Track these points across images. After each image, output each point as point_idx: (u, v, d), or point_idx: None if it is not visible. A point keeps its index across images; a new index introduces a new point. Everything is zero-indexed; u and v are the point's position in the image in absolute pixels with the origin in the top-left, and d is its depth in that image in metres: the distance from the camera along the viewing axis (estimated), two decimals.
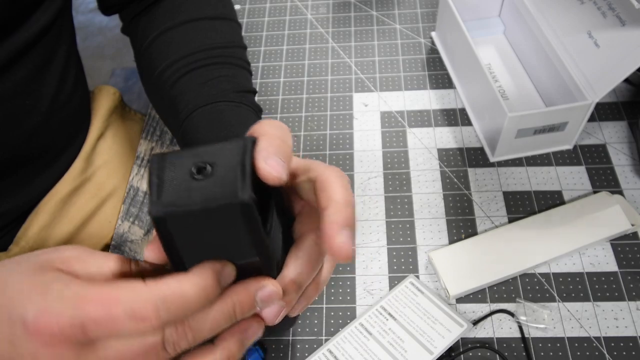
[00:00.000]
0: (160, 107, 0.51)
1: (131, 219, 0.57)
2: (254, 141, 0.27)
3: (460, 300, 0.47)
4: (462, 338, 0.45)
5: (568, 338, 0.45)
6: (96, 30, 1.95)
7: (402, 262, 0.50)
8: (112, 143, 0.63)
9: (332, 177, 0.29)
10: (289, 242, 0.32)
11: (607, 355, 0.44)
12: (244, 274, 0.28)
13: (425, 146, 0.58)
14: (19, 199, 0.54)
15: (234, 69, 0.50)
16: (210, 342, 0.28)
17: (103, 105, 0.64)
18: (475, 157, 0.56)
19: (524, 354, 0.44)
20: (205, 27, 0.51)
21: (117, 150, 0.63)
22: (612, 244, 0.49)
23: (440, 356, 0.44)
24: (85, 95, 0.61)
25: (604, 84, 0.49)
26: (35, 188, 0.55)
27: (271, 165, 0.26)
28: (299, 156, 0.48)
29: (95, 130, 0.61)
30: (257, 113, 0.48)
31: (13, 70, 0.46)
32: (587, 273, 0.48)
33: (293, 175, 0.31)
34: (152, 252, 0.28)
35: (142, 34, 0.52)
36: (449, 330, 0.45)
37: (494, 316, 0.46)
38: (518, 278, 0.48)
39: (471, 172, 0.55)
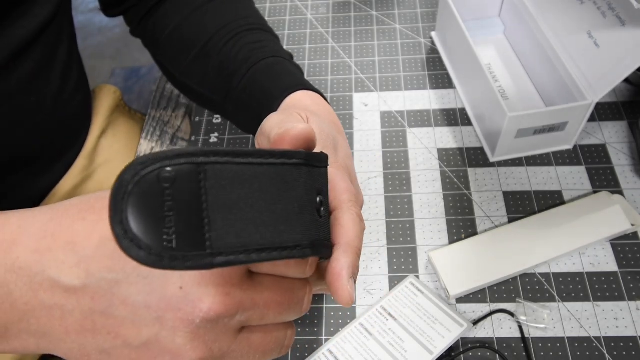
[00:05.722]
0: (205, 77, 0.50)
1: None
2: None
3: (460, 300, 0.47)
4: (462, 338, 0.45)
5: (568, 338, 0.45)
6: (96, 30, 1.95)
7: (402, 262, 0.50)
8: (113, 142, 0.63)
9: (348, 217, 0.29)
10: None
11: (607, 355, 0.44)
12: None
13: (425, 146, 0.58)
14: (23, 197, 0.54)
15: (275, 38, 0.50)
16: None
17: (104, 103, 0.64)
18: (475, 157, 0.56)
19: (524, 354, 0.44)
20: (230, 2, 0.51)
21: (117, 149, 0.63)
22: (612, 244, 0.49)
23: (440, 356, 0.44)
24: (87, 94, 0.62)
25: (604, 83, 0.49)
26: (38, 186, 0.55)
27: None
28: None
29: (96, 129, 0.62)
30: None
31: (16, 67, 0.46)
32: (587, 273, 0.48)
33: None
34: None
35: (158, 26, 0.52)
36: (449, 330, 0.45)
37: (494, 316, 0.46)
38: (518, 278, 0.48)
39: (471, 172, 0.55)
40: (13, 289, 0.25)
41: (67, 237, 0.24)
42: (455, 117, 0.60)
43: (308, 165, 0.25)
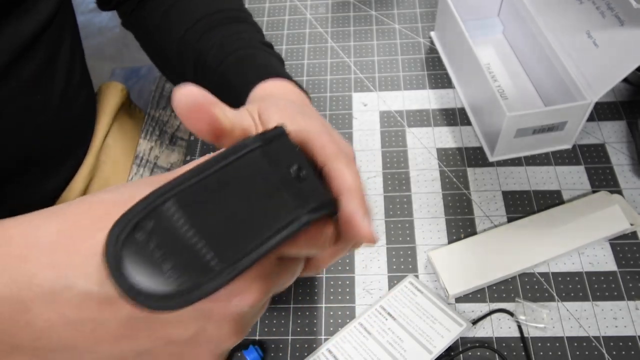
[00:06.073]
0: (185, 67, 0.51)
1: None
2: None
3: (460, 299, 0.47)
4: (461, 337, 0.45)
5: (567, 337, 0.45)
6: (96, 30, 1.95)
7: (402, 261, 0.50)
8: (119, 139, 0.63)
9: (339, 165, 0.29)
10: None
11: (606, 355, 0.44)
12: None
13: (425, 146, 0.58)
14: (33, 199, 0.53)
15: (252, 26, 0.51)
16: None
17: (111, 101, 0.64)
18: (475, 156, 0.56)
19: (523, 353, 0.44)
20: None
21: (122, 146, 0.63)
22: (611, 244, 0.49)
23: (440, 356, 0.44)
24: (91, 92, 0.62)
25: (602, 83, 0.49)
26: (47, 188, 0.55)
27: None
28: None
29: (104, 126, 0.62)
30: (282, 63, 0.49)
31: (22, 64, 0.46)
32: (586, 272, 0.48)
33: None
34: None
35: (147, 19, 0.53)
36: (448, 330, 0.45)
37: (493, 316, 0.46)
38: (517, 278, 0.48)
39: (470, 171, 0.55)
40: (31, 307, 0.23)
41: (89, 250, 0.23)
42: (454, 117, 0.60)
43: (264, 145, 0.25)
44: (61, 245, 0.23)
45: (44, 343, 0.24)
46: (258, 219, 0.23)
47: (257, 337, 0.47)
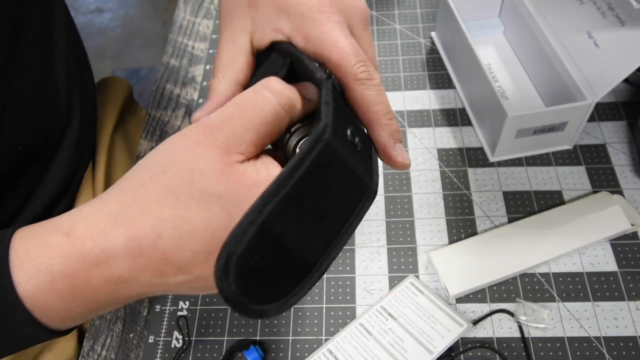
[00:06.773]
0: None
1: None
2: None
3: (460, 300, 0.47)
4: (462, 338, 0.45)
5: (568, 338, 0.45)
6: (97, 31, 1.95)
7: (402, 262, 0.50)
8: (123, 137, 0.63)
9: (359, 93, 0.29)
10: None
11: (606, 355, 0.44)
12: None
13: (425, 146, 0.58)
14: (39, 198, 0.53)
15: None
16: None
17: (117, 97, 0.64)
18: (475, 157, 0.56)
19: (524, 353, 0.44)
20: None
21: (126, 144, 0.63)
22: (611, 244, 0.49)
23: (440, 356, 0.44)
24: (92, 80, 0.61)
25: (603, 84, 0.49)
26: (51, 189, 0.54)
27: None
28: None
29: (111, 122, 0.61)
30: None
31: (24, 29, 0.46)
32: (586, 273, 0.48)
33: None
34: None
35: None
36: (449, 330, 0.45)
37: (494, 316, 0.46)
38: (518, 278, 0.48)
39: (471, 172, 0.55)
40: (125, 292, 0.28)
41: (157, 255, 0.26)
42: (455, 117, 0.60)
43: (332, 130, 0.25)
44: (136, 253, 0.26)
45: (147, 296, 0.30)
46: (339, 209, 0.26)
47: (257, 338, 0.47)
